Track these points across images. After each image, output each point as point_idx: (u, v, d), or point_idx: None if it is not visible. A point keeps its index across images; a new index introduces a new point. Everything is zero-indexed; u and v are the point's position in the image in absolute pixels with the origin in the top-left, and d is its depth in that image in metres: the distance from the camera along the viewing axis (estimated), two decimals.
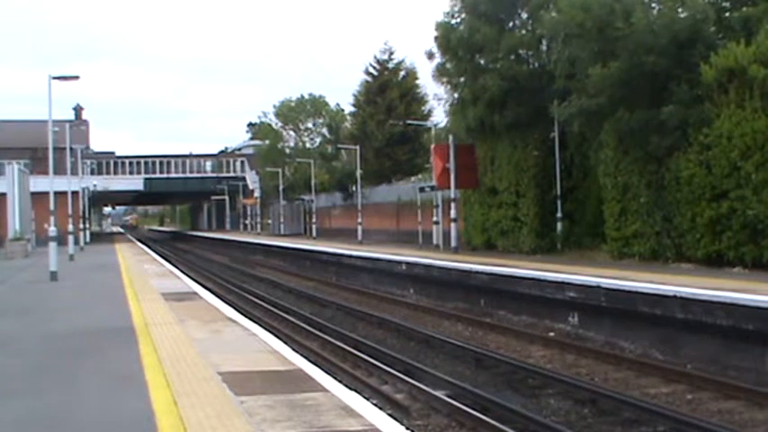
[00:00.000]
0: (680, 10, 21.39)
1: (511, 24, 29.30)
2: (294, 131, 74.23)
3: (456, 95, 30.97)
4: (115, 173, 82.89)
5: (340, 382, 9.46)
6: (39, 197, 43.94)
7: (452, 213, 32.30)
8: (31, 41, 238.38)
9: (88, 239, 56.94)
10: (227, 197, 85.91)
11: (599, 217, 25.38)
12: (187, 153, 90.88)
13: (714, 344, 14.40)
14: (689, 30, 20.90)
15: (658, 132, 21.37)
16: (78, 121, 68.13)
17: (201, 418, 7.17)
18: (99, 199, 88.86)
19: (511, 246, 29.25)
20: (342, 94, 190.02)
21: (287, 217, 67.56)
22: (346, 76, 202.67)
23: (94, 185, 70.31)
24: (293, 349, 11.58)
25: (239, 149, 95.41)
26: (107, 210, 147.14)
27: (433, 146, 35.82)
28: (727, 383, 12.52)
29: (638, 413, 11.11)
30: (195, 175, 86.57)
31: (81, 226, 52.81)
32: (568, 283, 18.46)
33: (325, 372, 9.86)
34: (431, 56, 30.52)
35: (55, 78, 26.74)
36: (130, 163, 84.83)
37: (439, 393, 12.12)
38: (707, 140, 20.23)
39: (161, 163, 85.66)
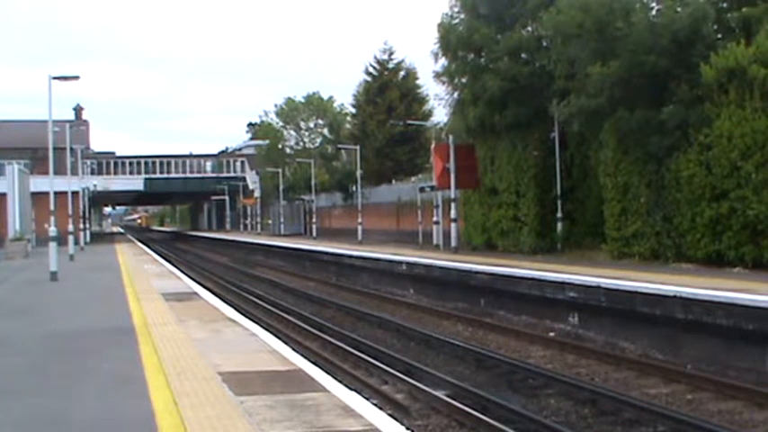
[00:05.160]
0: (679, 9, 21.39)
1: (510, 24, 29.27)
2: (295, 131, 74.27)
3: (456, 95, 30.98)
4: (115, 173, 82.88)
5: (340, 382, 9.45)
6: (39, 197, 43.96)
7: (452, 213, 32.29)
8: (30, 42, 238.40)
9: (88, 240, 56.97)
10: (227, 197, 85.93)
11: (599, 217, 25.37)
12: (187, 153, 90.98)
13: (714, 344, 14.40)
14: (689, 29, 20.90)
15: (658, 132, 21.37)
16: (78, 121, 68.04)
17: (202, 418, 7.17)
18: (99, 199, 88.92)
19: (511, 246, 29.25)
20: (342, 93, 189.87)
21: (287, 217, 67.55)
22: (346, 76, 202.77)
23: (94, 185, 70.30)
24: (293, 349, 11.58)
25: (239, 149, 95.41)
26: (107, 210, 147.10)
27: (433, 146, 35.84)
28: (727, 383, 12.51)
29: (638, 413, 11.11)
30: (195, 175, 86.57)
31: (81, 226, 52.81)
32: (569, 284, 18.46)
33: (326, 372, 9.85)
34: (436, 56, 30.47)
35: (55, 78, 26.74)
36: (130, 163, 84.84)
37: (439, 393, 12.13)
38: (707, 140, 20.23)
39: (161, 163, 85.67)
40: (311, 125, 73.73)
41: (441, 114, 55.69)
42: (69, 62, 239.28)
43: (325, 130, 71.84)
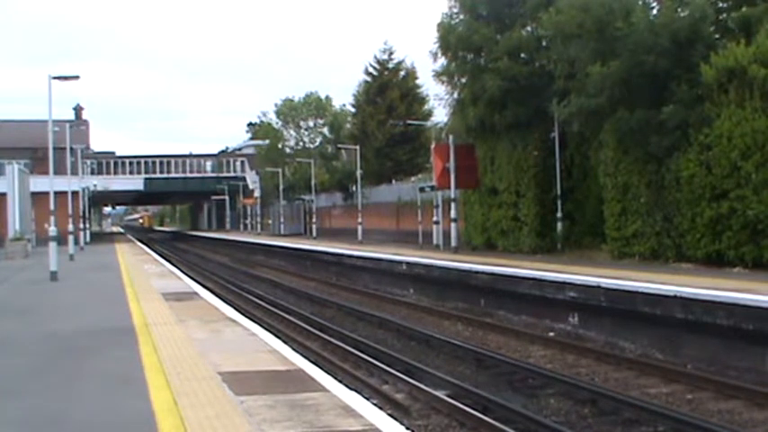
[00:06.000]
0: (679, 10, 21.38)
1: (510, 24, 29.26)
2: (295, 131, 74.24)
3: (456, 95, 30.97)
4: (115, 173, 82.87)
5: (340, 382, 9.45)
6: (39, 197, 43.93)
7: (452, 213, 32.29)
8: (30, 42, 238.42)
9: (88, 239, 56.95)
10: (227, 197, 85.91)
11: (599, 217, 25.37)
12: (187, 153, 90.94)
13: (714, 344, 14.40)
14: (689, 29, 20.89)
15: (658, 132, 21.36)
16: (78, 121, 68.02)
17: (202, 418, 7.17)
18: (99, 199, 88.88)
19: (511, 246, 29.25)
20: (342, 93, 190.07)
21: (287, 217, 67.54)
22: (346, 76, 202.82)
23: (94, 185, 70.27)
24: (293, 349, 11.58)
25: (239, 149, 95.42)
26: (107, 209, 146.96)
27: (433, 146, 35.82)
28: (727, 383, 12.52)
29: (638, 413, 11.11)
30: (195, 175, 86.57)
31: (81, 226, 52.79)
32: (569, 283, 18.46)
33: (326, 372, 9.85)
34: (435, 56, 30.49)
35: (55, 78, 26.72)
36: (130, 163, 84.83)
37: (439, 393, 12.13)
38: (707, 140, 20.23)
39: (161, 163, 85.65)
40: (311, 125, 73.73)
41: (441, 114, 55.63)
42: (69, 62, 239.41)
43: (325, 130, 71.83)
